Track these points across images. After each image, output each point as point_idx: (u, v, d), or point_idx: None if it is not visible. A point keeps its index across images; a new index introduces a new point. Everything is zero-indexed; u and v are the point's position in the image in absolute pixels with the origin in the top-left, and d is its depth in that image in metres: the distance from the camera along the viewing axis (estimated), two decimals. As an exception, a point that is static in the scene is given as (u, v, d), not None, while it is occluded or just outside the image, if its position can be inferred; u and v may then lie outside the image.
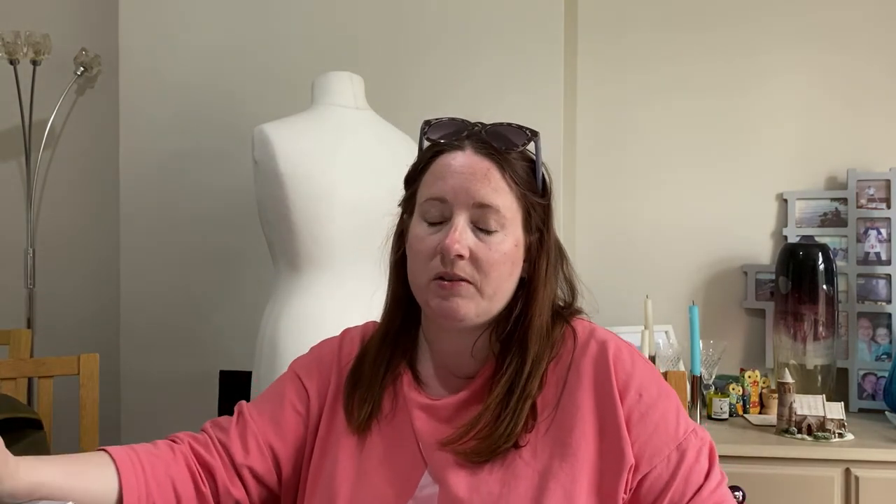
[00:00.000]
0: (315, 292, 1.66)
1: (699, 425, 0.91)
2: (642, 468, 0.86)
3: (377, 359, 0.96)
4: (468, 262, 0.87)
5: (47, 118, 2.54)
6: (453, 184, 0.88)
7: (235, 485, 0.92)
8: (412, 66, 2.22)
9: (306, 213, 1.63)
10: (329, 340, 1.04)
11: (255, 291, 2.13)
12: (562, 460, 0.85)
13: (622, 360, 0.90)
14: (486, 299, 0.88)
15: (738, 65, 2.35)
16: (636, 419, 0.87)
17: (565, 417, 0.88)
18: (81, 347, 1.95)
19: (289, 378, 1.01)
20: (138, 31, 2.31)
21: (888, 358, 2.19)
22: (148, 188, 2.30)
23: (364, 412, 0.93)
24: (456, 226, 0.87)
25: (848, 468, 1.82)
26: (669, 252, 2.37)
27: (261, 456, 0.94)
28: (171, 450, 0.91)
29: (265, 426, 0.96)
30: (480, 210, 0.88)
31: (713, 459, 0.89)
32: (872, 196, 2.26)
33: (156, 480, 0.87)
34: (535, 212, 0.91)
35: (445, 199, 0.89)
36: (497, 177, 0.88)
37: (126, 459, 0.87)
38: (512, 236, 0.89)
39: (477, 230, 0.88)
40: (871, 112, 2.30)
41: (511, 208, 0.89)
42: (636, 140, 2.40)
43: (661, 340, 2.19)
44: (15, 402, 1.50)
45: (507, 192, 0.89)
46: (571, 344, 0.92)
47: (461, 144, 0.91)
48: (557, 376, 0.91)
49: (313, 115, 1.73)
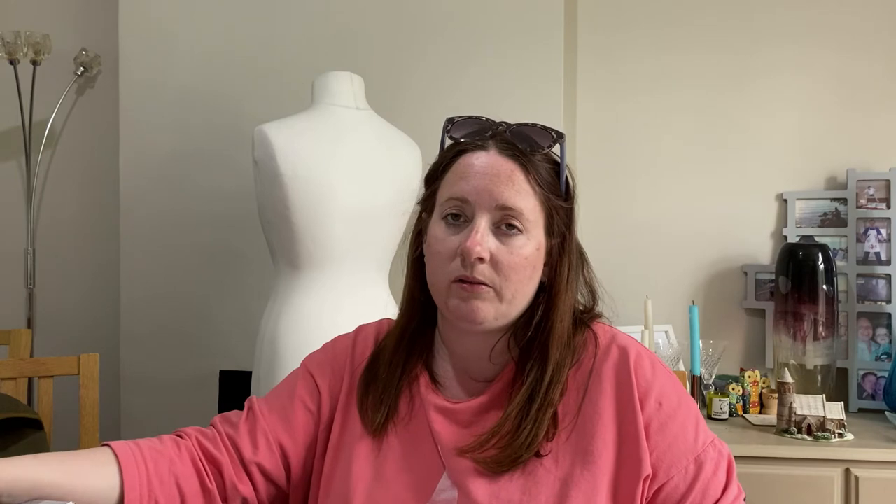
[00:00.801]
0: (315, 292, 1.66)
1: (717, 437, 0.90)
2: (659, 478, 0.85)
3: (393, 360, 0.94)
4: (488, 265, 0.85)
5: (47, 118, 2.54)
6: (476, 184, 0.86)
7: (243, 481, 0.91)
8: (412, 66, 2.22)
9: (306, 212, 1.64)
10: (343, 338, 1.02)
11: (255, 291, 2.13)
12: (583, 468, 0.84)
13: (643, 366, 0.88)
14: (504, 303, 0.87)
15: (738, 64, 2.35)
16: (655, 428, 0.85)
17: (587, 424, 0.86)
18: (81, 347, 1.96)
19: (301, 375, 0.99)
20: (138, 31, 2.31)
21: (888, 358, 2.19)
22: (148, 188, 2.30)
23: (380, 415, 0.91)
24: (477, 228, 0.85)
25: (848, 468, 1.82)
26: (669, 252, 2.37)
27: (270, 453, 0.92)
28: (176, 446, 0.90)
29: (275, 423, 0.94)
30: (503, 212, 0.86)
31: (731, 474, 0.88)
32: (872, 196, 2.26)
33: (158, 477, 0.86)
34: (559, 215, 0.90)
35: (467, 200, 0.87)
36: (521, 179, 0.87)
37: (129, 456, 0.86)
38: (534, 240, 0.87)
39: (499, 233, 0.86)
40: (871, 112, 2.30)
41: (534, 211, 0.87)
42: (636, 140, 2.40)
43: (661, 340, 2.19)
44: (15, 402, 1.50)
45: (531, 194, 0.87)
46: (593, 349, 0.91)
47: (485, 144, 0.89)
48: (578, 382, 0.89)
49: (313, 115, 1.73)
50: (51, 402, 1.73)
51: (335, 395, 0.96)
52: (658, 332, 2.19)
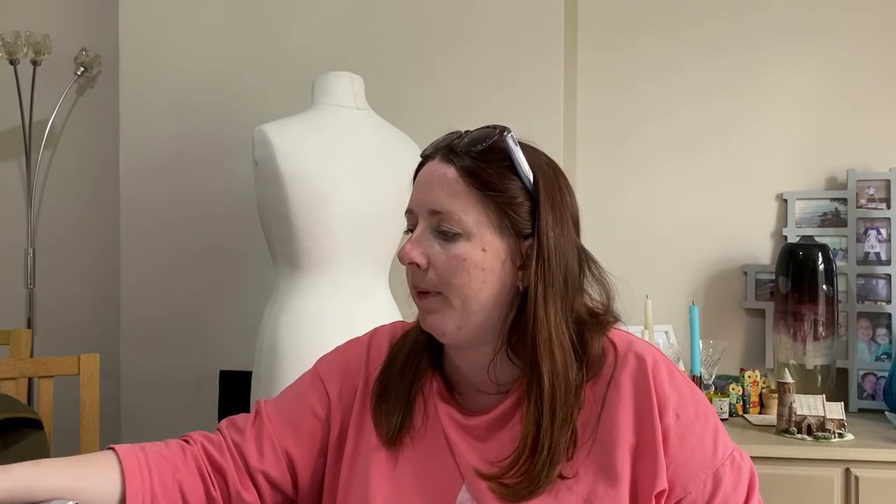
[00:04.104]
0: (315, 292, 1.66)
1: (739, 447, 0.87)
2: (676, 493, 0.82)
3: (404, 371, 0.93)
4: (431, 271, 0.85)
5: (47, 118, 2.54)
6: (417, 194, 0.88)
7: (248, 489, 0.90)
8: (412, 67, 2.22)
9: (306, 213, 1.63)
10: (357, 342, 1.00)
11: (255, 291, 2.13)
12: (606, 485, 0.82)
13: (660, 376, 0.85)
14: (458, 310, 0.84)
15: (737, 64, 2.35)
16: (673, 441, 0.83)
17: (606, 437, 0.83)
18: (81, 347, 1.95)
19: (311, 380, 0.98)
20: (138, 31, 2.31)
21: (888, 358, 2.19)
22: (148, 188, 2.30)
23: (394, 426, 0.90)
24: (413, 234, 0.86)
25: (848, 468, 1.82)
26: (669, 252, 2.37)
27: (276, 460, 0.92)
28: (181, 452, 0.90)
29: (282, 429, 0.93)
30: (436, 217, 0.85)
31: (752, 489, 0.86)
32: (872, 196, 2.26)
33: (161, 483, 0.86)
34: (515, 214, 0.84)
35: (412, 211, 0.88)
36: (454, 180, 0.84)
37: (133, 461, 0.85)
38: (478, 241, 0.84)
39: (439, 238, 0.85)
40: (871, 112, 2.30)
41: (472, 212, 0.84)
42: (636, 140, 2.40)
43: (661, 340, 2.19)
44: (15, 402, 1.50)
45: (467, 195, 0.84)
46: (612, 359, 0.87)
47: (433, 154, 0.89)
48: (596, 394, 0.86)
49: (313, 115, 1.73)
50: (51, 402, 1.73)
51: (347, 402, 0.95)
52: (658, 332, 2.18)
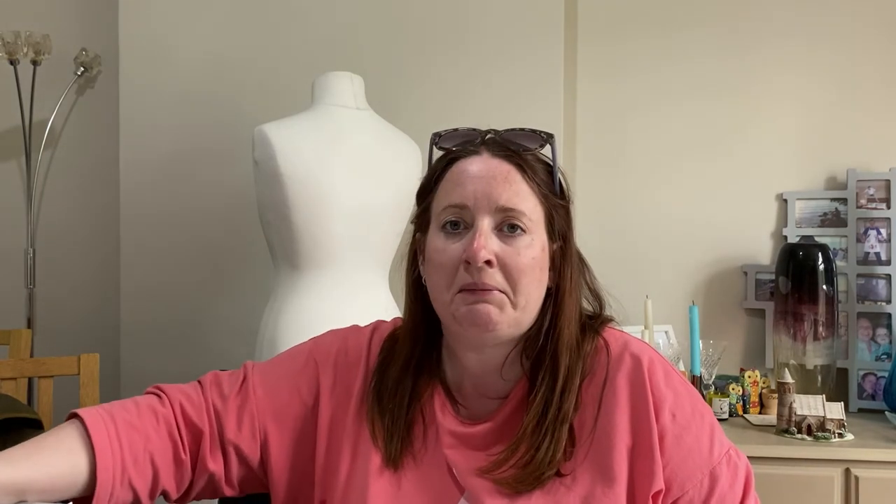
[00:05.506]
0: (315, 292, 1.66)
1: (734, 446, 0.88)
2: (673, 493, 0.83)
3: (399, 389, 0.90)
4: (497, 269, 0.82)
5: (47, 118, 2.54)
6: (473, 189, 0.84)
7: (215, 457, 0.89)
8: (412, 67, 2.22)
9: (306, 213, 1.64)
10: (359, 332, 0.98)
11: (255, 291, 2.13)
12: (604, 486, 0.82)
13: (656, 376, 0.85)
14: (518, 310, 0.83)
15: (737, 64, 2.35)
16: (669, 441, 0.83)
17: (603, 438, 0.84)
18: (81, 347, 1.95)
19: (305, 360, 0.96)
20: (138, 31, 2.31)
21: (888, 358, 2.19)
22: (148, 188, 2.30)
23: (394, 447, 0.88)
24: (480, 230, 0.82)
25: (848, 468, 1.82)
26: (669, 252, 2.37)
27: (251, 437, 0.90)
28: (154, 417, 0.87)
29: (266, 407, 0.92)
30: (504, 214, 0.83)
31: (748, 488, 0.86)
32: (872, 196, 2.26)
33: (133, 456, 0.84)
34: (558, 216, 0.88)
35: (466, 206, 0.84)
36: (518, 179, 0.85)
37: (103, 436, 0.83)
38: (539, 241, 0.85)
39: (502, 235, 0.83)
40: (871, 112, 2.30)
41: (535, 211, 0.85)
42: (636, 140, 2.40)
43: (661, 340, 2.19)
44: (15, 402, 1.50)
45: (530, 194, 0.85)
46: (605, 358, 0.87)
47: (477, 150, 0.87)
48: (592, 395, 0.86)
49: (313, 115, 1.73)
50: (51, 402, 1.73)
51: (340, 397, 0.93)
52: (658, 332, 2.18)
